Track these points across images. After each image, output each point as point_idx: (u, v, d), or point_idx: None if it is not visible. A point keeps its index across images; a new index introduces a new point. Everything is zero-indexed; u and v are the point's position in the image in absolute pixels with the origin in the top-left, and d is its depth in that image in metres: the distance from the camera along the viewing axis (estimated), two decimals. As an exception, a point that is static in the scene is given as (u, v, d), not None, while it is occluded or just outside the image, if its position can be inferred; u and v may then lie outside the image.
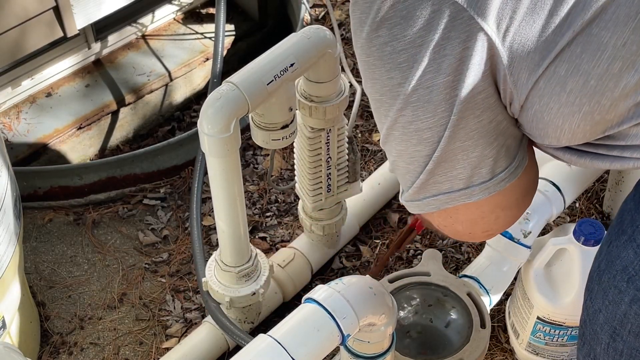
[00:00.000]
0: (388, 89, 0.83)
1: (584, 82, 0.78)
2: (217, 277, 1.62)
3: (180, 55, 2.49)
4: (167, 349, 1.77)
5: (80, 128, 2.30)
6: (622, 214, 0.94)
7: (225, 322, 1.60)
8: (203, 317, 1.86)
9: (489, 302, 1.64)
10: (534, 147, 0.94)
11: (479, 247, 1.98)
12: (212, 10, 2.63)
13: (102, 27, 2.37)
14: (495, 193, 0.87)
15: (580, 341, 1.04)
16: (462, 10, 0.77)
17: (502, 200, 0.90)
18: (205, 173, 1.50)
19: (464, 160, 0.83)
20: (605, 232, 1.26)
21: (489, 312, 1.59)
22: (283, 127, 1.43)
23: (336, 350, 1.33)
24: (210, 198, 1.73)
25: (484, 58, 0.78)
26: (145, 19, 2.50)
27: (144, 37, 2.51)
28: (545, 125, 0.83)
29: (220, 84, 1.34)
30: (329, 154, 1.65)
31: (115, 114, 2.37)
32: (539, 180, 1.10)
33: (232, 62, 2.57)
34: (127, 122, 2.41)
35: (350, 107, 1.64)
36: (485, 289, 1.62)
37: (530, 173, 0.93)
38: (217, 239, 1.85)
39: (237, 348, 1.69)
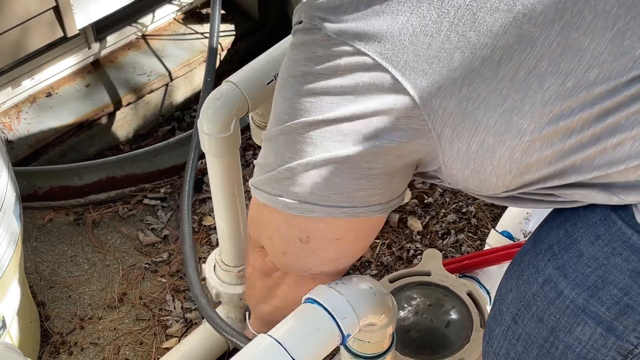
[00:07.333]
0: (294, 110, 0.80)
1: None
2: (217, 276, 1.62)
3: (181, 55, 2.49)
4: (167, 349, 1.77)
5: (80, 128, 2.30)
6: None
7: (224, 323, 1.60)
8: (203, 317, 1.86)
9: (489, 302, 1.63)
10: None
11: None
12: (212, 10, 2.63)
13: (102, 27, 2.37)
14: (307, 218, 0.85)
15: (485, 326, 1.00)
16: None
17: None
18: (201, 175, 1.50)
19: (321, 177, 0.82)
20: None
21: (489, 312, 1.59)
22: (283, 127, 1.43)
23: (336, 350, 1.33)
24: (210, 198, 1.73)
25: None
26: (146, 19, 2.50)
27: (144, 37, 2.51)
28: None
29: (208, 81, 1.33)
30: (329, 154, 1.65)
31: (115, 114, 2.37)
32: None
33: (232, 62, 2.57)
34: (127, 122, 2.41)
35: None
36: (485, 289, 1.62)
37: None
38: (217, 239, 1.84)
39: (237, 348, 1.69)
